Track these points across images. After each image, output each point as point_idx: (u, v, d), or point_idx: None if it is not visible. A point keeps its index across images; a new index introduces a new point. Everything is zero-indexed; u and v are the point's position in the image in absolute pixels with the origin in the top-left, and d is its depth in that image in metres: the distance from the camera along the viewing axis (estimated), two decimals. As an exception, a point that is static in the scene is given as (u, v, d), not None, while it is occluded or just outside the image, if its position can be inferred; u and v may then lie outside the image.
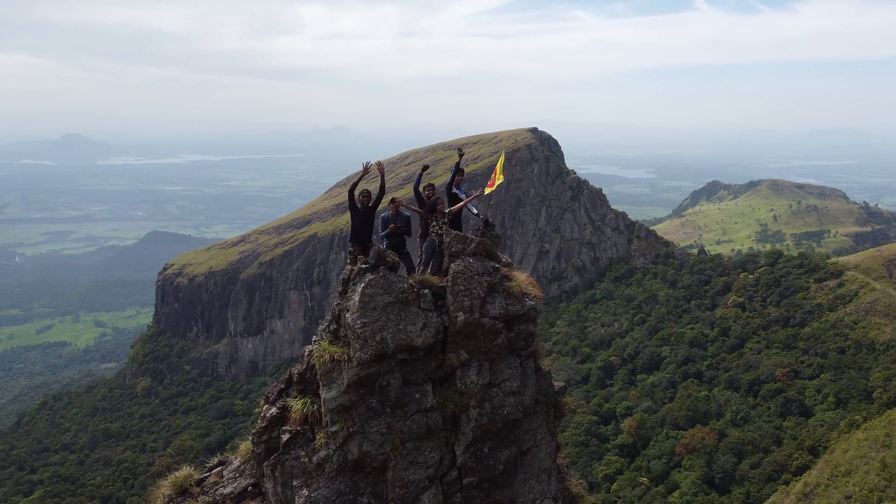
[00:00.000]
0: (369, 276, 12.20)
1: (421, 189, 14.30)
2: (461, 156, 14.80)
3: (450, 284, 12.67)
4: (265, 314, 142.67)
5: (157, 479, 13.50)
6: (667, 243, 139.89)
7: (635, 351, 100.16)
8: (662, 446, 75.48)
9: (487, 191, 16.03)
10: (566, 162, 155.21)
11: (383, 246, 13.17)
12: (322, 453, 11.91)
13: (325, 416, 12.07)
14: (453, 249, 13.13)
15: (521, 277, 13.83)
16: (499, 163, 16.46)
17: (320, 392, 12.12)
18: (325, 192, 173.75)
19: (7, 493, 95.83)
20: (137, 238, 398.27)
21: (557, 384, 14.65)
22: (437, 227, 13.63)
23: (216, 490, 13.08)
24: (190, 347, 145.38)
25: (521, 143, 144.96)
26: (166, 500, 12.93)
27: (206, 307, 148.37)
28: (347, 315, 12.19)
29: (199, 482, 13.29)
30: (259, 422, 12.89)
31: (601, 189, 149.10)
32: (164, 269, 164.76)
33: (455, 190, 14.53)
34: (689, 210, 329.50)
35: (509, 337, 12.94)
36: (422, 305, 12.43)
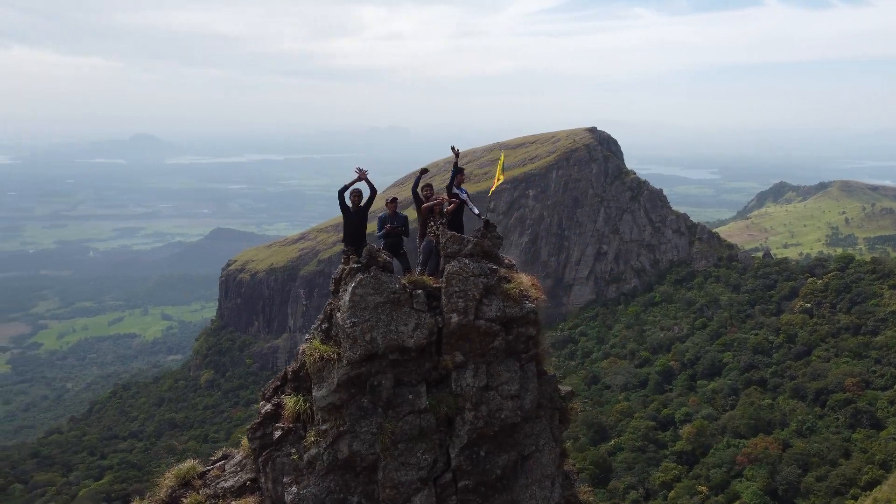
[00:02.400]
0: (360, 276, 12.17)
1: (419, 190, 14.12)
2: (457, 155, 14.55)
3: (444, 285, 12.51)
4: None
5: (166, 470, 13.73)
6: (730, 246, 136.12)
7: (696, 356, 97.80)
8: (723, 455, 73.45)
9: (491, 191, 15.83)
10: (626, 162, 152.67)
11: (381, 246, 13.15)
12: (313, 451, 11.94)
13: (317, 414, 12.08)
14: (449, 250, 12.97)
15: (524, 280, 13.57)
16: (499, 163, 16.19)
17: (312, 390, 12.19)
18: (383, 192, 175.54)
19: (79, 477, 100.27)
20: (202, 235, 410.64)
21: (564, 389, 14.29)
22: (434, 228, 13.46)
23: (217, 483, 13.22)
24: (251, 342, 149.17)
25: (580, 143, 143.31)
26: (170, 491, 13.15)
27: (267, 303, 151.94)
28: (338, 314, 12.17)
29: (202, 475, 13.45)
30: (256, 418, 13.03)
31: (662, 190, 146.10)
32: (228, 265, 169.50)
33: (456, 190, 14.31)
34: (755, 212, 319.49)
35: (507, 340, 12.70)
36: (415, 306, 12.30)
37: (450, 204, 13.94)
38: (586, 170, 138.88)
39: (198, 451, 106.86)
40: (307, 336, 12.85)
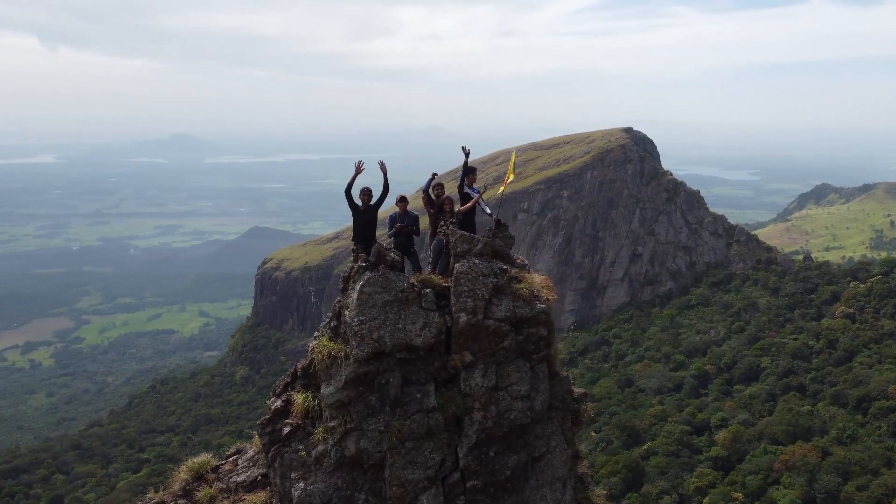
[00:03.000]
0: (368, 275, 12.21)
1: (430, 190, 14.07)
2: (467, 155, 14.33)
3: (453, 285, 12.45)
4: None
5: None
6: (769, 249, 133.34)
7: (732, 360, 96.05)
8: (759, 461, 71.96)
9: (500, 190, 15.70)
10: (662, 162, 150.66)
11: (391, 245, 13.13)
12: (320, 448, 11.98)
13: (325, 411, 12.11)
14: (458, 249, 12.89)
15: (536, 280, 13.44)
16: (510, 162, 16.00)
17: (321, 387, 12.22)
18: (416, 192, 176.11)
19: (118, 469, 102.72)
20: (240, 233, 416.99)
21: (577, 391, 14.13)
22: (444, 227, 13.38)
23: (230, 478, 13.33)
24: (285, 339, 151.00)
25: (615, 143, 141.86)
26: (183, 484, 13.31)
27: (301, 301, 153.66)
28: (346, 312, 12.22)
29: (215, 469, 13.59)
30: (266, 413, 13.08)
31: (699, 191, 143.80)
32: (263, 263, 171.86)
33: (467, 189, 14.17)
34: (796, 214, 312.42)
35: (517, 340, 12.58)
36: (423, 305, 12.28)
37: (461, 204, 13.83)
38: (622, 170, 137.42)
39: (232, 446, 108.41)
40: (316, 333, 12.90)
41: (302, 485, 11.88)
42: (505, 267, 13.04)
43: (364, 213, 13.29)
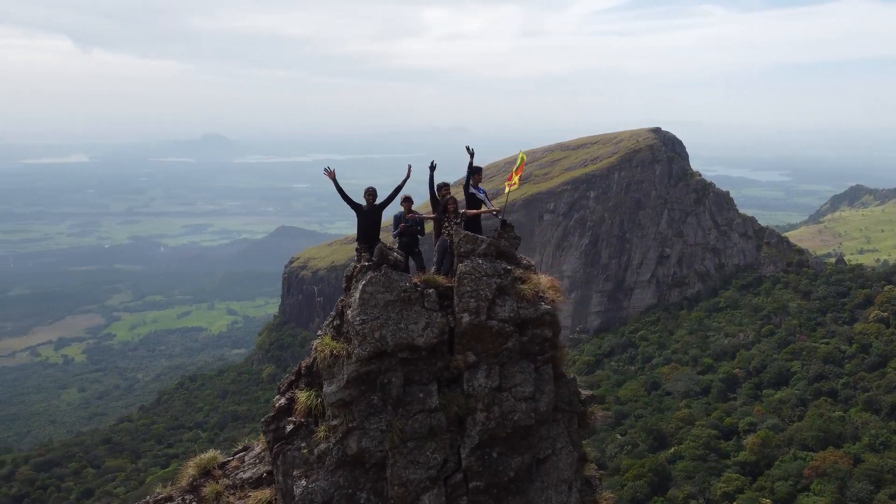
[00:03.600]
0: (371, 274, 12.23)
1: (436, 192, 14.04)
2: (472, 155, 14.22)
3: (456, 285, 12.43)
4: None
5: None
6: (800, 251, 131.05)
7: (761, 364, 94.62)
8: (789, 467, 70.80)
9: (507, 191, 15.53)
10: (691, 163, 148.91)
11: (396, 245, 13.16)
12: (322, 446, 12.00)
13: (327, 409, 12.13)
14: (462, 250, 12.85)
15: (542, 281, 13.32)
16: (518, 163, 15.70)
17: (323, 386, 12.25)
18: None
19: (147, 464, 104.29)
20: (267, 232, 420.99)
21: (585, 393, 13.99)
22: (449, 227, 13.31)
23: (236, 474, 13.44)
24: (311, 337, 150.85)
25: (643, 144, 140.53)
26: (191, 479, 13.44)
27: (328, 299, 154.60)
28: (349, 312, 12.25)
29: (222, 465, 13.71)
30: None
31: (728, 192, 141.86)
32: (290, 262, 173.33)
33: (473, 190, 14.09)
34: (828, 216, 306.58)
35: (522, 341, 12.50)
36: (426, 305, 12.27)
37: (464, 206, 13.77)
38: (649, 171, 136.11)
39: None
40: (319, 332, 12.93)
41: (304, 482, 11.93)
42: (509, 267, 12.97)
43: (368, 213, 13.33)
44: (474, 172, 14.28)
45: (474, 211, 13.89)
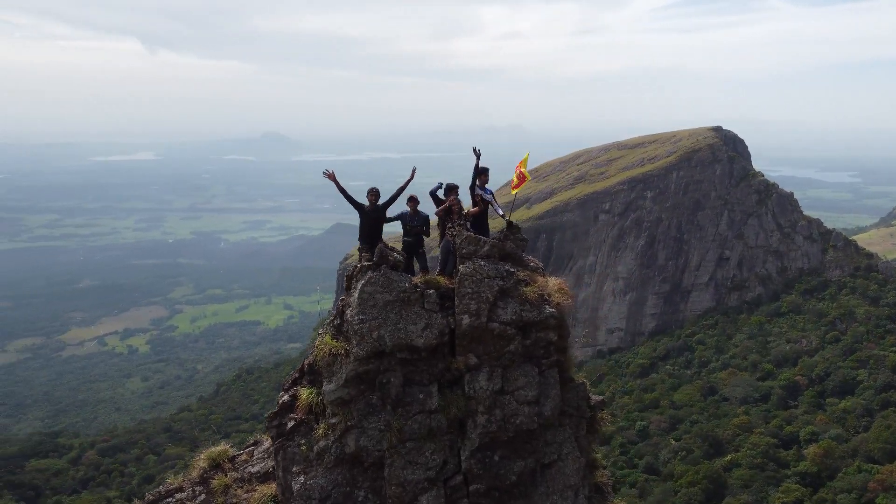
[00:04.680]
0: (370, 274, 12.26)
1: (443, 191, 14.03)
2: (478, 156, 14.07)
3: (457, 286, 12.35)
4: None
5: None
6: (869, 255, 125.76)
7: (825, 372, 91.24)
8: (852, 480, 68.05)
9: (513, 192, 15.27)
10: (753, 163, 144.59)
11: (403, 244, 13.16)
12: (321, 443, 12.04)
13: (327, 407, 12.17)
14: (464, 251, 12.77)
15: (550, 283, 13.10)
16: (522, 162, 15.34)
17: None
18: (496, 191, 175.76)
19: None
20: (323, 229, 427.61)
21: (595, 398, 13.71)
22: (452, 228, 13.23)
23: (245, 468, 13.67)
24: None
25: (703, 143, 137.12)
26: (201, 471, 13.74)
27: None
28: (348, 311, 12.30)
29: (232, 459, 13.96)
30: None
31: (792, 193, 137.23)
32: (345, 258, 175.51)
33: (479, 191, 13.99)
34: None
35: (525, 344, 12.32)
36: (426, 306, 12.22)
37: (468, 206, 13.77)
38: (709, 171, 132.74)
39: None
40: (320, 331, 13.02)
41: (302, 479, 12.03)
42: (512, 269, 12.83)
43: (370, 213, 13.41)
44: (481, 173, 14.24)
45: (475, 210, 13.77)
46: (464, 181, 14.55)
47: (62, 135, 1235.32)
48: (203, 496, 13.45)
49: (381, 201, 13.60)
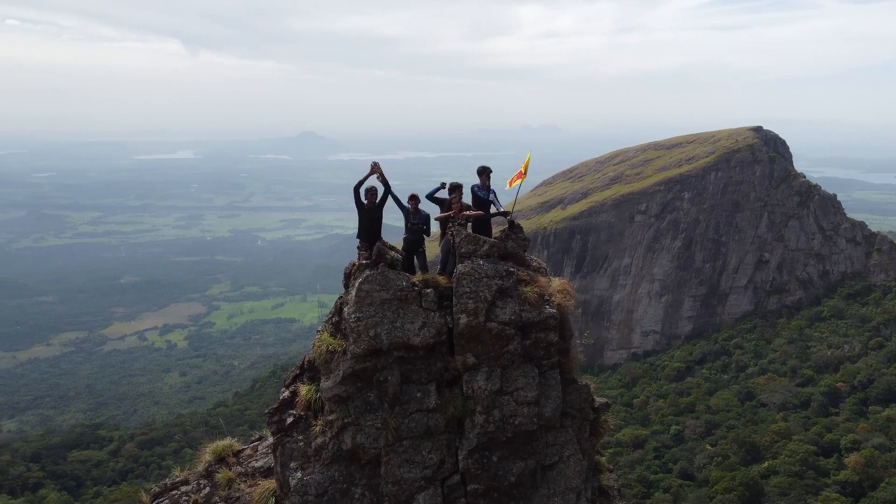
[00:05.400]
0: (367, 272, 12.30)
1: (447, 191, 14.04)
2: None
3: (455, 285, 12.29)
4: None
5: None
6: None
7: (868, 378, 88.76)
8: (896, 490, 66.22)
9: (515, 183, 15.05)
10: (795, 164, 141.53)
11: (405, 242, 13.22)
12: (319, 440, 12.08)
13: (325, 404, 12.20)
14: (463, 250, 12.69)
15: (554, 284, 12.99)
16: (525, 162, 15.12)
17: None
18: (531, 190, 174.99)
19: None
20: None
21: (599, 400, 13.53)
22: (452, 227, 13.16)
23: (249, 463, 13.87)
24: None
25: (742, 143, 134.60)
26: (207, 465, 13.91)
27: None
28: (345, 309, 12.35)
29: (237, 453, 14.11)
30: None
31: (835, 195, 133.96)
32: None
33: (479, 192, 13.92)
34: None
35: (524, 345, 12.20)
36: (423, 305, 12.19)
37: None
38: (749, 172, 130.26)
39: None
40: (318, 328, 13.10)
41: (299, 474, 12.11)
42: (512, 269, 12.71)
43: (369, 212, 13.51)
44: (482, 173, 14.23)
45: (474, 213, 13.69)
46: (497, 180, 14.47)
47: (106, 134, 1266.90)
48: (207, 489, 13.67)
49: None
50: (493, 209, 14.06)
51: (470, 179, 14.91)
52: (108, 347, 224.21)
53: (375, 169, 13.60)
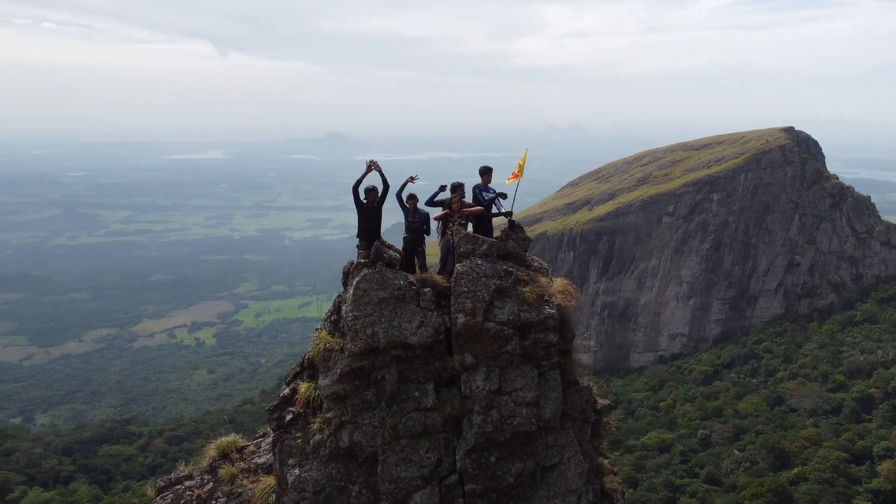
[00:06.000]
0: (365, 271, 12.35)
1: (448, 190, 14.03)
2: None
3: (453, 285, 12.26)
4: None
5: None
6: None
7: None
8: (931, 499, 64.72)
9: (512, 181, 14.93)
10: (828, 165, 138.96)
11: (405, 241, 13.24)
12: (317, 437, 12.10)
13: (324, 402, 12.24)
14: (462, 250, 12.67)
15: (556, 284, 12.87)
16: (521, 159, 14.97)
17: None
18: (557, 192, 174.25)
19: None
20: (384, 228, 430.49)
21: (602, 402, 13.43)
22: (452, 227, 13.13)
23: (252, 459, 13.94)
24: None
25: (773, 144, 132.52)
26: (210, 460, 14.03)
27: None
28: (343, 307, 12.41)
29: (241, 449, 14.21)
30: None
31: (869, 197, 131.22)
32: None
33: (483, 193, 13.89)
34: None
35: (523, 345, 12.12)
36: (421, 304, 12.17)
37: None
38: (779, 173, 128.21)
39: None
40: (317, 327, 13.17)
41: (297, 471, 12.15)
42: (511, 269, 12.65)
43: (368, 211, 13.58)
44: (483, 173, 14.21)
45: (473, 209, 13.65)
46: (522, 180, 14.38)
47: (138, 134, 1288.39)
48: (210, 484, 13.82)
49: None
50: (494, 209, 14.05)
51: (495, 181, 14.88)
52: (139, 344, 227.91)
53: (373, 167, 13.73)
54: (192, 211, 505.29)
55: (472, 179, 14.89)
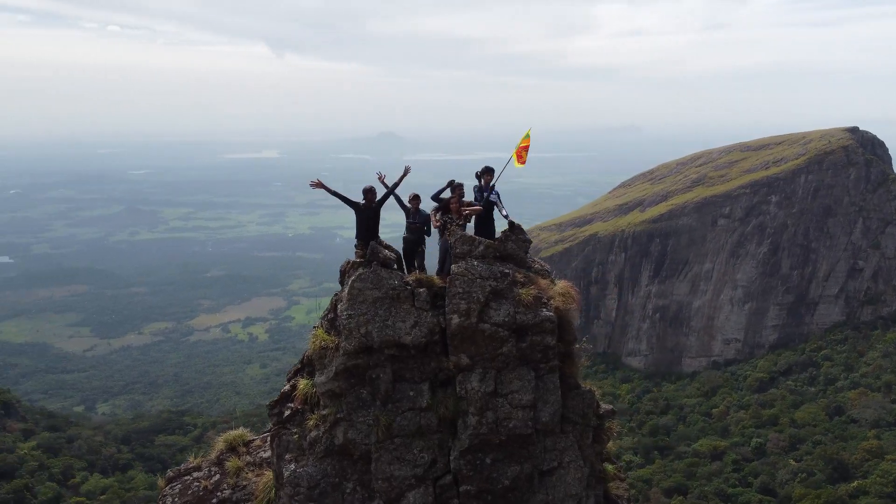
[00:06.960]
0: (360, 270, 12.44)
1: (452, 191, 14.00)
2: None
3: (448, 286, 12.22)
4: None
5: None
6: None
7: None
8: None
9: (517, 165, 14.63)
10: (895, 167, 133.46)
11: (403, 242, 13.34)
12: (313, 434, 12.18)
13: (320, 399, 12.32)
14: (458, 251, 12.62)
15: (558, 286, 12.69)
16: (522, 142, 14.65)
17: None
18: (609, 192, 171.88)
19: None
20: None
21: (605, 407, 13.18)
22: (450, 227, 13.11)
23: (258, 453, 14.10)
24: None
25: (836, 145, 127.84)
26: (218, 453, 14.24)
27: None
28: (339, 306, 12.45)
29: (248, 443, 14.40)
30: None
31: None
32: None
33: (485, 193, 13.86)
34: None
35: (520, 347, 11.96)
36: (416, 304, 12.18)
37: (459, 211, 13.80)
38: (842, 175, 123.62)
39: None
40: (314, 325, 13.31)
41: (293, 466, 12.27)
42: (507, 270, 12.53)
43: (365, 211, 13.78)
44: (486, 173, 14.28)
45: (473, 209, 13.60)
46: (576, 180, 14.28)
47: (197, 133, 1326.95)
48: (217, 476, 14.12)
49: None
50: (494, 210, 13.98)
51: (549, 181, 14.74)
52: (195, 338, 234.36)
53: (317, 185, 13.97)
54: (248, 209, 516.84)
55: (528, 180, 14.70)
